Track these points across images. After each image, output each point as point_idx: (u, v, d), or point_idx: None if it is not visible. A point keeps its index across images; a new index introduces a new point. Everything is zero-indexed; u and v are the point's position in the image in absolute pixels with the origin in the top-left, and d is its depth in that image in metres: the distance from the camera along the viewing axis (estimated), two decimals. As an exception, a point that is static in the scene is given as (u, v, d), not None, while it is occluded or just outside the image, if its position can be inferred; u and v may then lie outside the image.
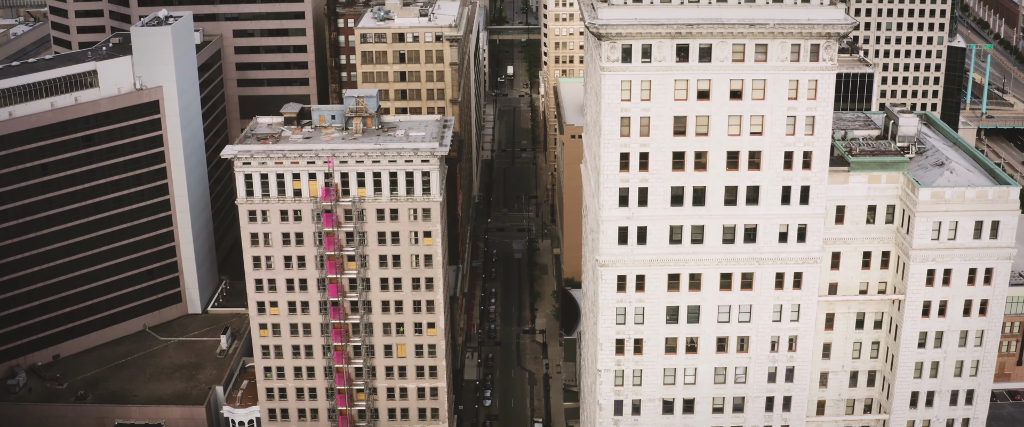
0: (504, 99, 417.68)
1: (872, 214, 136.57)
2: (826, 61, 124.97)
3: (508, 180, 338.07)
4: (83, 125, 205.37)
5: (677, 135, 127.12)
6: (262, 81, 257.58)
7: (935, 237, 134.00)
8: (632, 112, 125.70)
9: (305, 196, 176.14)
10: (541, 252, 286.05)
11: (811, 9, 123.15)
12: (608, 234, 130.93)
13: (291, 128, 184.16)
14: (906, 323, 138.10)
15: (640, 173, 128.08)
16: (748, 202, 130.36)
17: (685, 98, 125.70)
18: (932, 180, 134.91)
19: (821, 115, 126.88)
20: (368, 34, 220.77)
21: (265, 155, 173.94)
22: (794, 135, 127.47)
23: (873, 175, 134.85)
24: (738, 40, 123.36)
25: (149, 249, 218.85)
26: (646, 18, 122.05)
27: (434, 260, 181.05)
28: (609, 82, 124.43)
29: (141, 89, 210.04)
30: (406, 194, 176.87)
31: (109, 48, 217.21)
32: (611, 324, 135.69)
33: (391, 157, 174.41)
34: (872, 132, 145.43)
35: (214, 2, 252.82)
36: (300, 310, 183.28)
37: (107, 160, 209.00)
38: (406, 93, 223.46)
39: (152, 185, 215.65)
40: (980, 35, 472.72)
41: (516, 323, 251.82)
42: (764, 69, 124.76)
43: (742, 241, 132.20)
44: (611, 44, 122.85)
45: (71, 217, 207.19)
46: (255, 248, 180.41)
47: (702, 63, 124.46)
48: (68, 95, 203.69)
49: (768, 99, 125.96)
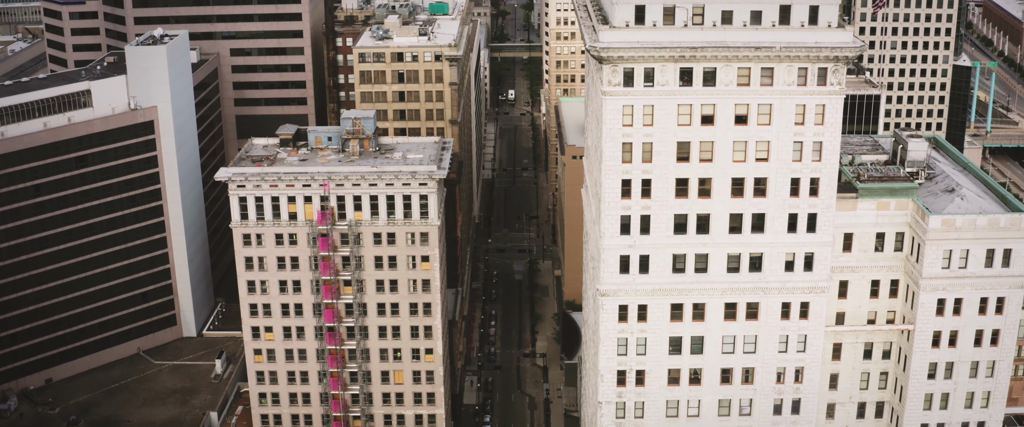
0: (505, 117, 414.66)
1: (881, 242, 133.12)
2: (834, 85, 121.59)
3: (509, 200, 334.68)
4: (77, 145, 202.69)
5: (680, 161, 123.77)
6: (259, 100, 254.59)
7: (945, 265, 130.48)
8: (634, 137, 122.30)
9: (301, 219, 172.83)
10: (542, 273, 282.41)
11: (818, 32, 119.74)
12: (609, 263, 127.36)
13: (287, 150, 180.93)
14: (916, 354, 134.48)
15: (642, 200, 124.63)
16: (753, 230, 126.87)
17: (689, 123, 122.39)
18: (942, 207, 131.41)
19: (829, 140, 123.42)
20: (367, 53, 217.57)
21: (260, 178, 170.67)
22: (801, 161, 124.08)
23: (882, 202, 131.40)
24: (743, 63, 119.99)
25: (143, 271, 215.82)
26: (649, 41, 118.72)
27: (432, 285, 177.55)
28: (610, 107, 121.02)
29: (136, 109, 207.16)
30: (404, 218, 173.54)
31: (104, 67, 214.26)
32: (612, 355, 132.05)
33: (388, 180, 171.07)
34: (880, 157, 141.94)
35: (211, 20, 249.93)
36: (295, 335, 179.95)
37: (101, 181, 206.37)
38: (405, 113, 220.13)
39: (146, 206, 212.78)
40: (984, 52, 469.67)
41: (516, 346, 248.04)
42: (770, 93, 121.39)
43: (747, 270, 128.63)
44: (613, 68, 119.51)
45: (64, 239, 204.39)
46: (250, 272, 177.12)
47: (706, 87, 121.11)
48: (61, 115, 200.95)
49: (774, 124, 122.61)
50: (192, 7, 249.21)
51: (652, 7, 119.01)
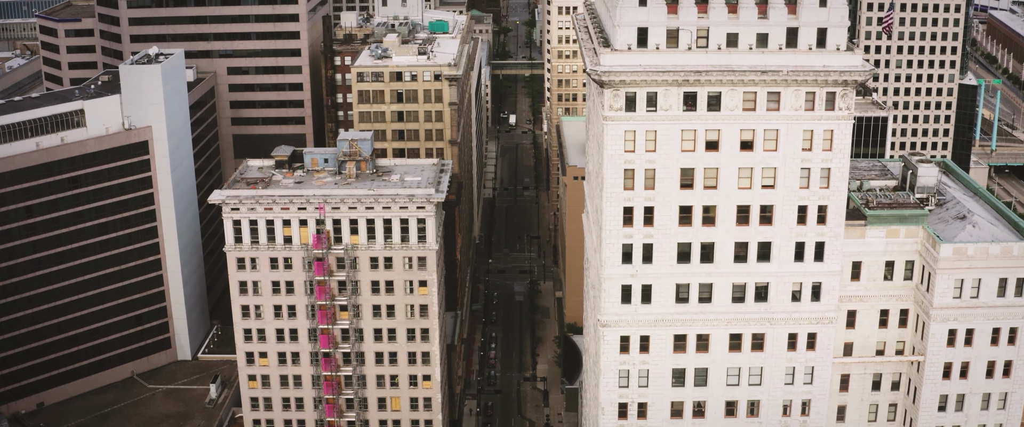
0: (507, 135, 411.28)
1: (890, 270, 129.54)
2: (842, 110, 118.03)
3: (510, 219, 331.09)
4: (70, 166, 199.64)
5: (684, 188, 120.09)
6: (257, 119, 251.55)
7: (957, 295, 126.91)
8: (636, 164, 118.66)
9: (296, 243, 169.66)
10: (543, 294, 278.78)
11: (826, 55, 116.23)
12: (610, 292, 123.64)
13: (282, 172, 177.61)
14: (926, 385, 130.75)
15: (645, 228, 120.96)
16: (759, 259, 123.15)
17: (693, 149, 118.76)
18: (953, 235, 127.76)
19: (837, 167, 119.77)
20: (365, 73, 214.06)
21: (254, 201, 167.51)
22: (808, 188, 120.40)
23: (891, 229, 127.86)
24: (749, 88, 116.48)
25: (137, 294, 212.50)
26: (651, 65, 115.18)
27: (430, 310, 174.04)
28: (612, 132, 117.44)
29: (130, 129, 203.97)
30: (401, 242, 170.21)
31: (98, 86, 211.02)
32: (613, 387, 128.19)
33: (385, 203, 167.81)
34: (889, 182, 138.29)
35: (208, 38, 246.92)
36: (290, 361, 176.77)
37: (94, 202, 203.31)
38: (404, 133, 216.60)
39: (140, 228, 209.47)
40: (988, 70, 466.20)
41: (517, 369, 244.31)
42: (777, 119, 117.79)
43: (753, 300, 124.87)
44: (614, 92, 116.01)
45: (56, 261, 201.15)
46: (244, 297, 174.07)
47: (711, 112, 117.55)
48: (54, 135, 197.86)
49: (781, 150, 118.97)
50: (189, 25, 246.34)
51: (655, 30, 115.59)
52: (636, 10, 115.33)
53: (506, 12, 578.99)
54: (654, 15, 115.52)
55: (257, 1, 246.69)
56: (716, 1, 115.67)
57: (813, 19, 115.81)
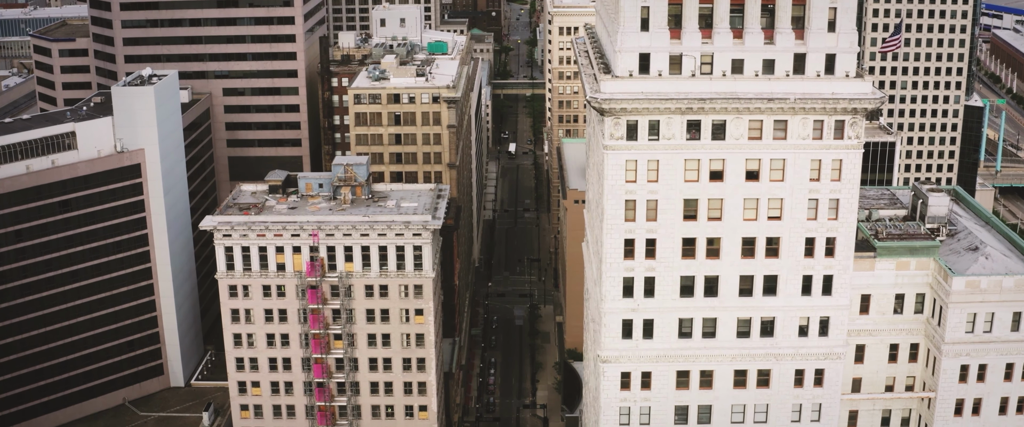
0: (507, 156, 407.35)
1: (900, 303, 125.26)
2: (852, 139, 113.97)
3: (510, 241, 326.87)
4: (60, 189, 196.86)
5: (687, 220, 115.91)
6: (253, 141, 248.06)
7: (969, 330, 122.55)
8: (638, 194, 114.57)
9: (289, 271, 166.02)
10: (543, 319, 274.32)
11: (835, 82, 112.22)
12: (611, 327, 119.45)
13: (276, 197, 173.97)
14: (937, 422, 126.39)
15: (646, 261, 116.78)
16: (765, 293, 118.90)
17: (696, 179, 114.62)
18: (966, 267, 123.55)
19: (846, 198, 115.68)
20: (362, 95, 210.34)
21: (247, 227, 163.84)
22: (816, 220, 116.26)
23: (901, 261, 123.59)
24: (755, 116, 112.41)
25: (129, 319, 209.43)
26: (654, 92, 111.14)
27: (426, 339, 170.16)
28: (612, 162, 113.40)
29: (122, 152, 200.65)
30: (397, 270, 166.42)
31: (90, 108, 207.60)
32: (614, 424, 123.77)
33: (381, 230, 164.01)
34: (899, 212, 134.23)
35: (204, 59, 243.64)
36: (283, 391, 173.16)
37: (85, 226, 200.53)
38: (402, 156, 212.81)
39: (133, 252, 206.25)
40: (992, 89, 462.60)
41: (516, 396, 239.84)
42: (784, 148, 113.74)
43: (758, 335, 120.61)
44: (615, 120, 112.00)
45: (47, 286, 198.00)
46: (236, 325, 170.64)
47: (715, 141, 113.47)
48: (45, 158, 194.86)
49: (788, 180, 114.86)
50: (184, 45, 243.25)
51: (657, 55, 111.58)
52: (638, 35, 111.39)
53: (507, 31, 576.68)
54: (656, 40, 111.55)
55: (253, 21, 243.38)
56: (721, 26, 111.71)
57: (821, 44, 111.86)
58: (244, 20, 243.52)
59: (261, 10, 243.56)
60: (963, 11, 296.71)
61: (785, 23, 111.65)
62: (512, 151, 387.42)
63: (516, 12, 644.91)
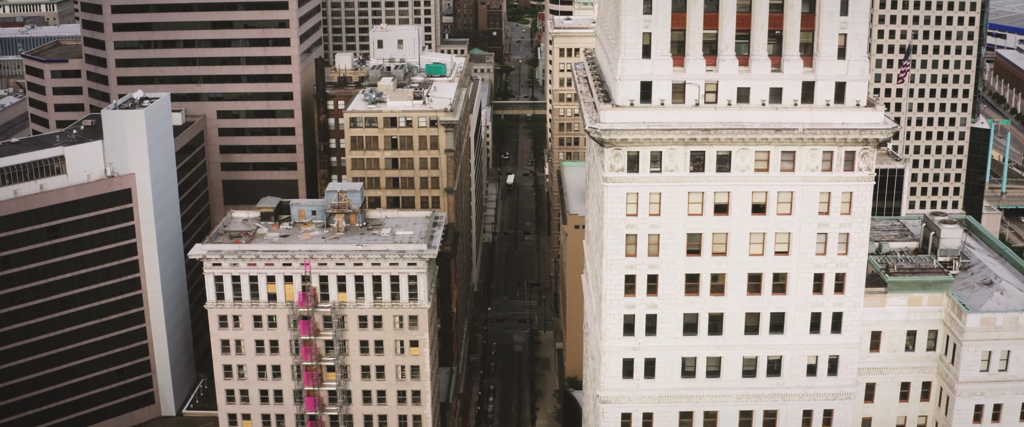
0: (506, 186, 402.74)
1: (912, 340, 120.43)
2: (862, 170, 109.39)
3: (510, 265, 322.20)
4: (49, 215, 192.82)
5: (691, 255, 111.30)
6: (247, 165, 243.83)
7: (984, 368, 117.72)
8: (639, 229, 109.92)
9: (280, 301, 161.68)
10: (543, 345, 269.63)
11: (846, 111, 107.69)
12: (611, 366, 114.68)
13: (268, 224, 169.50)
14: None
15: (648, 298, 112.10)
16: (772, 331, 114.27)
17: (700, 213, 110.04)
18: (980, 303, 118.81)
19: (856, 232, 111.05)
20: (358, 118, 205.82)
21: (237, 256, 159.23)
22: (825, 255, 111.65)
23: (913, 297, 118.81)
24: (762, 147, 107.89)
25: (119, 347, 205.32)
26: (656, 122, 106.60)
27: (422, 371, 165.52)
28: (613, 195, 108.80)
29: (112, 176, 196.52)
30: (391, 300, 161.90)
31: (80, 131, 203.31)
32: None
33: (375, 259, 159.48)
34: (910, 244, 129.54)
35: (197, 81, 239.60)
36: (275, 424, 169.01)
37: (74, 252, 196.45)
38: (398, 181, 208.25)
39: (123, 279, 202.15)
40: (996, 110, 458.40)
41: (515, 425, 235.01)
42: (791, 180, 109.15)
43: (765, 375, 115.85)
44: (615, 151, 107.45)
45: (34, 313, 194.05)
46: (226, 356, 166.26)
47: (720, 173, 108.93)
48: (33, 182, 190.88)
49: (796, 214, 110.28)
50: (177, 67, 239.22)
51: (660, 84, 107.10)
52: (639, 62, 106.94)
53: (508, 51, 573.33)
54: (659, 68, 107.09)
55: (248, 43, 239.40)
56: (726, 53, 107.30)
57: (831, 72, 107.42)
58: (239, 41, 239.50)
59: (256, 31, 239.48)
60: (970, 32, 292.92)
61: (793, 50, 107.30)
62: (510, 182, 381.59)
63: (518, 32, 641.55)
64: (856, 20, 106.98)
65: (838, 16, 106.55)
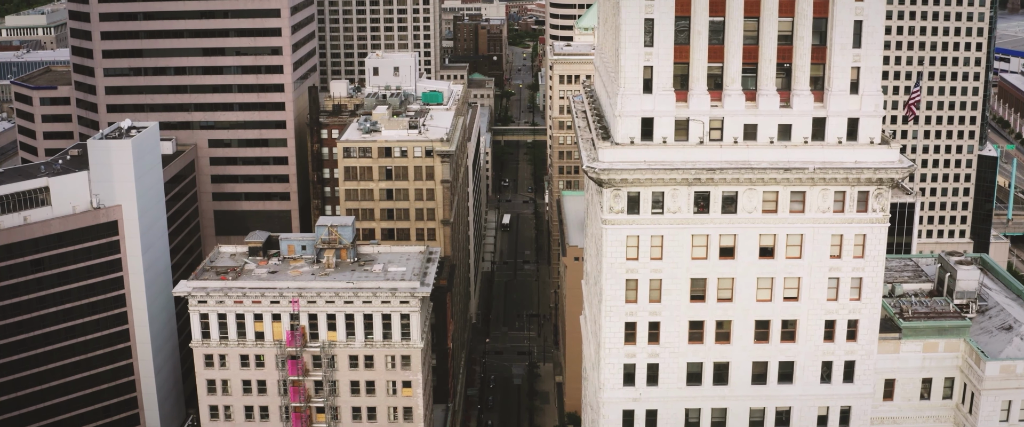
0: (507, 204, 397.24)
1: (927, 389, 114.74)
2: (876, 212, 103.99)
3: (509, 295, 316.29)
4: (32, 248, 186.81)
5: (695, 301, 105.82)
6: (239, 195, 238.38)
7: (1004, 418, 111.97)
8: (640, 274, 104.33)
9: (268, 339, 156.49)
10: (543, 378, 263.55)
11: (858, 149, 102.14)
12: (610, 418, 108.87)
13: (256, 259, 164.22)
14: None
15: (650, 346, 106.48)
16: (781, 381, 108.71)
17: (705, 257, 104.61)
18: (999, 349, 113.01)
19: (870, 276, 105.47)
20: (352, 148, 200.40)
21: (223, 293, 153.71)
22: (837, 300, 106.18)
23: (929, 342, 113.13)
24: (770, 187, 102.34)
25: (106, 383, 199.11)
26: (658, 161, 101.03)
27: (415, 413, 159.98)
28: (612, 238, 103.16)
29: (98, 208, 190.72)
30: (383, 339, 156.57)
31: (65, 161, 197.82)
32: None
33: (366, 297, 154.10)
34: (924, 286, 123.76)
35: (188, 109, 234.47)
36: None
37: (59, 286, 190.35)
38: (393, 212, 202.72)
39: (109, 314, 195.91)
40: (1001, 134, 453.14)
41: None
42: (801, 222, 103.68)
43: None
44: (615, 192, 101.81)
45: (18, 349, 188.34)
46: (213, 396, 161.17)
47: (726, 215, 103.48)
48: (16, 214, 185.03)
49: (806, 258, 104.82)
50: (168, 95, 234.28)
51: (662, 120, 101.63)
52: (640, 98, 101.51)
53: (509, 75, 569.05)
54: (661, 103, 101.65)
55: (240, 70, 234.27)
56: (732, 87, 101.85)
57: (843, 108, 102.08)
58: (231, 69, 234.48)
59: (248, 58, 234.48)
60: (977, 58, 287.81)
61: (803, 84, 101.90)
62: (506, 222, 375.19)
63: (519, 56, 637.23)
64: (870, 52, 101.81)
65: (851, 48, 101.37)
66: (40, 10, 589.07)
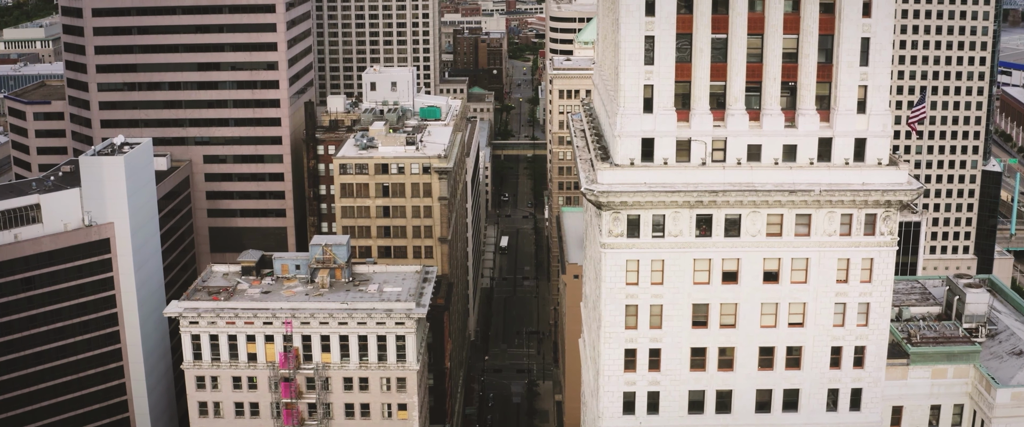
0: (507, 220, 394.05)
1: (936, 416, 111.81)
2: (884, 235, 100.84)
3: (508, 311, 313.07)
4: (23, 266, 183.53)
5: (697, 327, 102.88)
6: (235, 212, 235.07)
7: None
8: (640, 299, 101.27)
9: (261, 361, 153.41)
10: (542, 396, 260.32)
11: (866, 171, 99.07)
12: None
13: (249, 279, 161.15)
14: None
15: (650, 374, 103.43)
16: (785, 409, 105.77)
17: (707, 281, 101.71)
18: (1010, 375, 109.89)
19: (877, 301, 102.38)
20: (348, 164, 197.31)
21: (215, 314, 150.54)
22: (844, 326, 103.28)
23: (937, 369, 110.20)
24: (774, 210, 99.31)
25: (97, 403, 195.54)
26: (658, 183, 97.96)
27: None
28: (611, 262, 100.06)
29: (90, 225, 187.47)
30: (378, 361, 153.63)
31: (57, 178, 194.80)
32: None
33: (360, 319, 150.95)
34: (932, 309, 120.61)
35: (183, 124, 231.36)
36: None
37: (50, 305, 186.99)
38: (390, 230, 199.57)
39: (101, 333, 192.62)
40: (1003, 148, 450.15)
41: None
42: (807, 245, 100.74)
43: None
44: (614, 215, 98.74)
45: (8, 369, 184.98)
46: (204, 419, 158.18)
47: (729, 238, 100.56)
48: (7, 232, 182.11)
49: (811, 283, 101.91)
50: (163, 110, 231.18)
51: (663, 141, 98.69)
52: (640, 117, 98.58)
53: (509, 89, 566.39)
54: (662, 124, 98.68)
55: (236, 85, 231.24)
56: (735, 107, 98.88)
57: (850, 128, 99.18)
58: (226, 84, 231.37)
59: (244, 73, 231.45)
60: (980, 72, 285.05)
61: (809, 103, 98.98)
62: (504, 244, 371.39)
63: (519, 70, 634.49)
64: (877, 71, 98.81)
65: (858, 66, 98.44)
66: (38, 23, 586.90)
